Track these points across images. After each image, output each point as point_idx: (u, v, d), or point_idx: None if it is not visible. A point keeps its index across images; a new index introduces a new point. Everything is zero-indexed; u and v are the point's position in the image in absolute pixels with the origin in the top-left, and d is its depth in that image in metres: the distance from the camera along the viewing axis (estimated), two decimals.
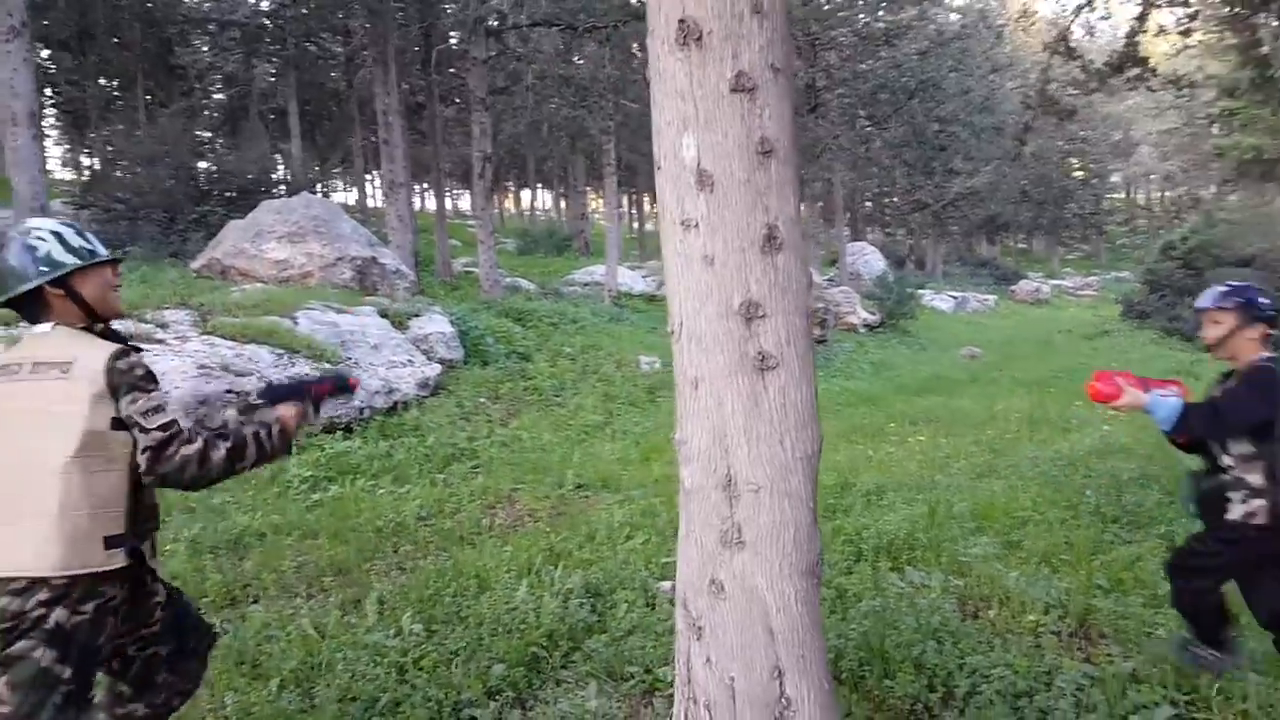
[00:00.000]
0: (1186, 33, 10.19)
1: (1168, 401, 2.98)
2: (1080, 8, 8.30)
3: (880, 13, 18.12)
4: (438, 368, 9.32)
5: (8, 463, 2.08)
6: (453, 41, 20.50)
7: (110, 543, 2.10)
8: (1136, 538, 4.79)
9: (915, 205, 32.32)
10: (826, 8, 17.10)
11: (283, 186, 17.95)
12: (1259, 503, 2.98)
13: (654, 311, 18.28)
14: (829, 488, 5.81)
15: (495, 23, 15.56)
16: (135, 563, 2.18)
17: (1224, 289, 3.19)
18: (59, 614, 2.04)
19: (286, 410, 2.47)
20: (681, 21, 2.15)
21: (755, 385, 2.21)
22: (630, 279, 20.71)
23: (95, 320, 2.27)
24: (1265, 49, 10.56)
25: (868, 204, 41.19)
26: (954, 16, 24.61)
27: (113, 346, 2.17)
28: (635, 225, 40.94)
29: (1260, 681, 3.23)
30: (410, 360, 9.00)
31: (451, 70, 21.99)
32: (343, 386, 2.72)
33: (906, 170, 25.37)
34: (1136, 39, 9.24)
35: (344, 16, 20.06)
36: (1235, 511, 3.03)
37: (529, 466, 7.18)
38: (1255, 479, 2.98)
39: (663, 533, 5.08)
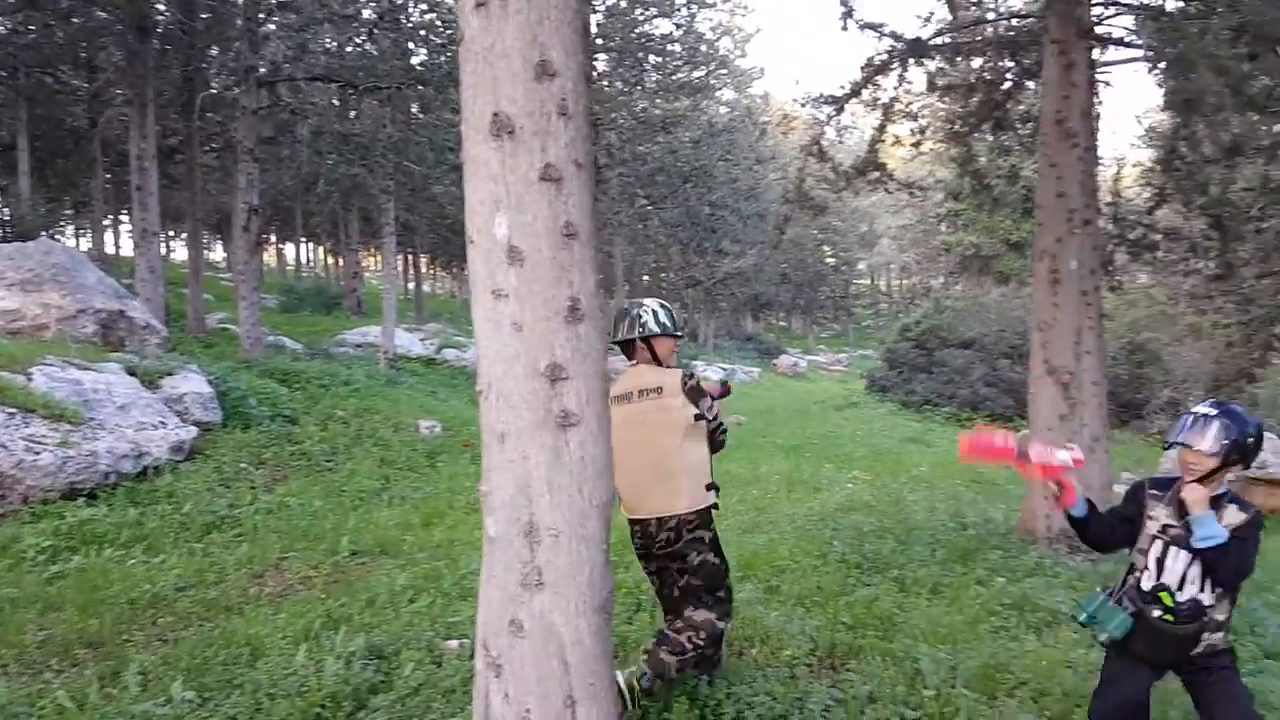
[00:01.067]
0: (918, 144, 12.05)
1: (1218, 527, 2.79)
2: (831, 116, 9.65)
3: (658, 101, 19.62)
4: (194, 430, 8.77)
5: (649, 452, 3.46)
6: (214, 88, 19.59)
7: (709, 487, 3.52)
8: (875, 581, 5.54)
9: (689, 281, 34.53)
10: (608, 90, 18.28)
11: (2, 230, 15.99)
12: (1220, 635, 2.96)
13: (433, 375, 18.10)
14: (610, 545, 6.15)
15: (265, 71, 15.15)
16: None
17: (1217, 421, 2.87)
18: (707, 534, 3.53)
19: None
20: (495, 115, 2.48)
21: (558, 440, 2.51)
22: (408, 341, 20.39)
23: (659, 365, 3.64)
24: (982, 160, 12.69)
25: (645, 278, 43.30)
26: (723, 110, 27.11)
27: (679, 372, 3.55)
28: (412, 286, 40.23)
29: (970, 694, 3.92)
30: (163, 422, 8.41)
31: (212, 115, 20.88)
32: (726, 391, 3.85)
33: (681, 249, 27.24)
34: (877, 146, 10.79)
35: (89, 52, 18.53)
36: (1202, 645, 2.93)
37: (299, 534, 6.96)
38: (1221, 615, 2.95)
39: (448, 594, 5.17)
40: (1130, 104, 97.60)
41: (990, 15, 10.47)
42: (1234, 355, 24.08)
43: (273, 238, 47.07)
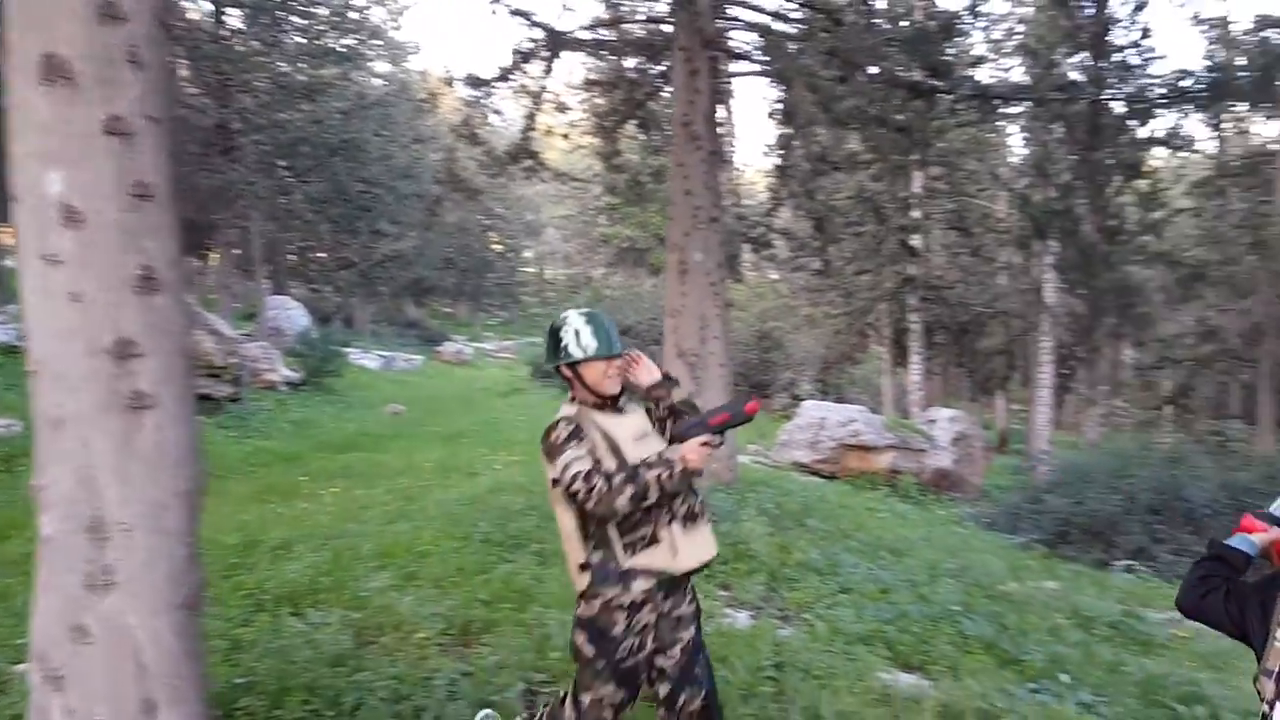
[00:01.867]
0: (566, 135, 12.59)
1: None
2: (479, 99, 9.76)
3: (301, 66, 18.38)
4: None
5: None
6: None
7: (581, 567, 2.75)
8: (516, 557, 5.79)
9: (342, 263, 32.87)
10: (241, 50, 16.73)
11: None
12: None
13: (15, 365, 15.44)
14: (233, 546, 5.80)
15: None
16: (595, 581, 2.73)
17: None
18: (587, 610, 2.77)
19: (690, 448, 2.69)
20: (48, 57, 2.22)
21: (128, 424, 2.31)
22: None
23: (597, 396, 2.87)
24: (635, 158, 13.56)
25: (292, 258, 40.49)
26: (378, 82, 26.10)
27: (552, 421, 2.78)
28: None
29: None
30: None
31: None
32: (740, 415, 2.82)
33: (332, 227, 25.78)
34: (529, 135, 11.12)
35: None
36: None
37: None
38: None
39: (20, 614, 4.50)
40: (761, 114, 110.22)
41: (627, 16, 11.22)
42: (839, 341, 28.41)
43: None
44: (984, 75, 19.84)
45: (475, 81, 9.55)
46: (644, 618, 2.77)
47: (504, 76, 9.52)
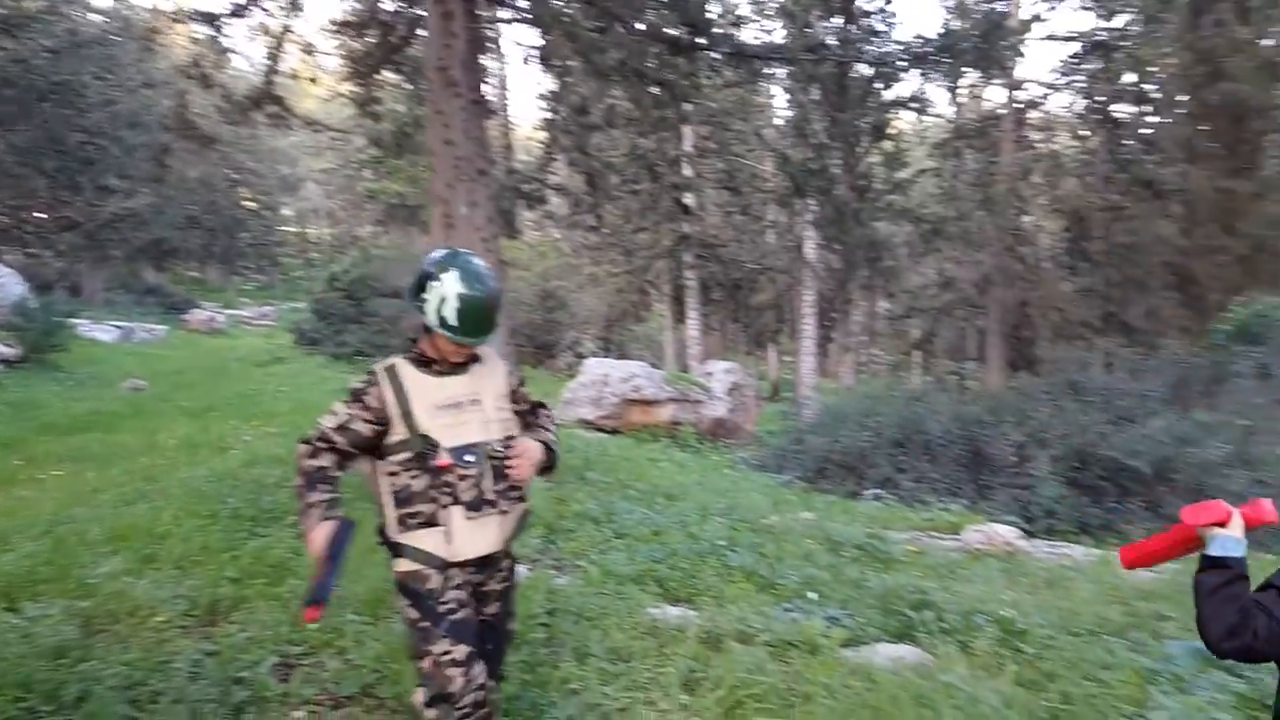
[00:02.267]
0: (315, 80, 11.88)
1: None
2: (212, 38, 8.99)
3: None
4: None
5: None
6: None
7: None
8: (271, 531, 5.55)
9: (64, 224, 29.26)
10: None
11: None
12: None
13: None
14: None
15: None
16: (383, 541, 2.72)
17: None
18: (396, 572, 2.70)
19: (322, 537, 2.53)
20: None
21: None
22: None
23: (441, 360, 2.71)
24: (399, 107, 12.99)
25: (2, 218, 35.61)
26: (95, 18, 23.17)
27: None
28: None
29: (356, 619, 4.19)
30: None
31: None
32: (320, 589, 2.50)
33: (48, 183, 22.86)
34: (272, 79, 10.38)
35: None
36: None
37: None
38: None
39: None
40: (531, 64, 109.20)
41: None
42: (621, 299, 29.15)
43: None
44: (747, 36, 20.86)
45: (206, 17, 8.76)
46: (456, 574, 2.66)
47: (238, 12, 8.81)
